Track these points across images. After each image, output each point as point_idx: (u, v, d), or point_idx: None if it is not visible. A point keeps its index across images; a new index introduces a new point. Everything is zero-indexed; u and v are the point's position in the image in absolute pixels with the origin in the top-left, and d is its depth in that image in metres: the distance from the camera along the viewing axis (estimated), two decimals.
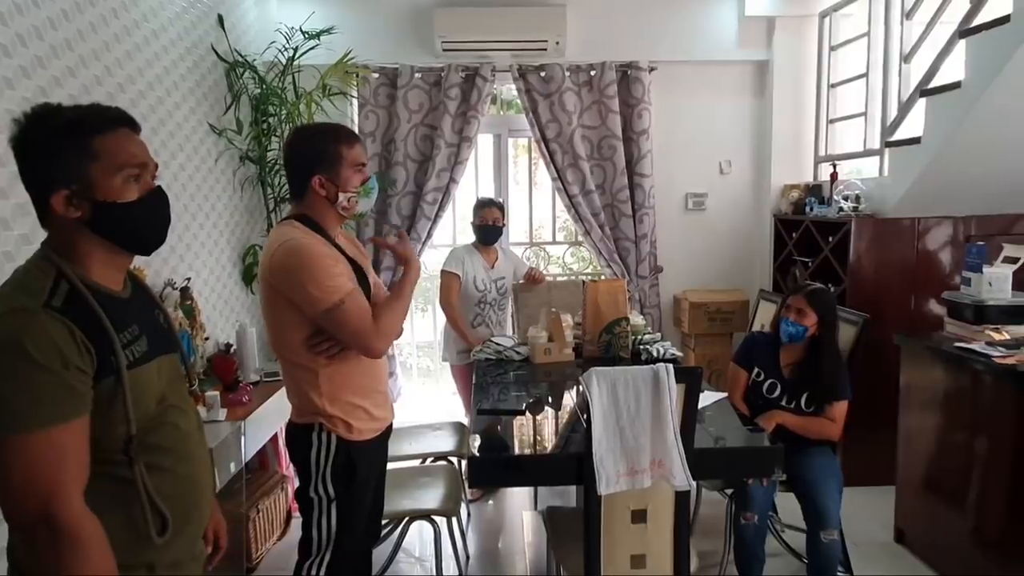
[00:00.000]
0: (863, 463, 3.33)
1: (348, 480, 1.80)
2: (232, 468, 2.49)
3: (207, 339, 2.98)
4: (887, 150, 3.49)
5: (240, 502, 2.72)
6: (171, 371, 1.27)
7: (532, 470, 2.12)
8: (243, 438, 2.56)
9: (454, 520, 2.71)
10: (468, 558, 2.98)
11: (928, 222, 3.36)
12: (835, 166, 3.87)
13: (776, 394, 2.63)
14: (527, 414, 2.38)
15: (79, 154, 1.11)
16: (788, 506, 2.73)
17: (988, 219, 3.35)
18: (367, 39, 4.05)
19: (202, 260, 3.12)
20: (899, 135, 3.43)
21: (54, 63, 2.16)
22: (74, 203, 1.11)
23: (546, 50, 4.11)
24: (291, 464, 1.90)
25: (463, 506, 3.08)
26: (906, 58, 3.46)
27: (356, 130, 4.15)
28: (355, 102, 4.22)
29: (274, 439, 3.14)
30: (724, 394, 2.57)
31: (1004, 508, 2.39)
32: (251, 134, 3.57)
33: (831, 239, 3.57)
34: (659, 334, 3.37)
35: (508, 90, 4.63)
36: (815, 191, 4.00)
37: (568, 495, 3.34)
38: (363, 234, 4.13)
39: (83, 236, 1.14)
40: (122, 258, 1.22)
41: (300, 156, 1.82)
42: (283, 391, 2.38)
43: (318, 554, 1.81)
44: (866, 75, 3.77)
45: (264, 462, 3.20)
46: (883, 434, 3.08)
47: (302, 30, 3.66)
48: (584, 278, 4.36)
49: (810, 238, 3.80)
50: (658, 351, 2.90)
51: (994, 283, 2.73)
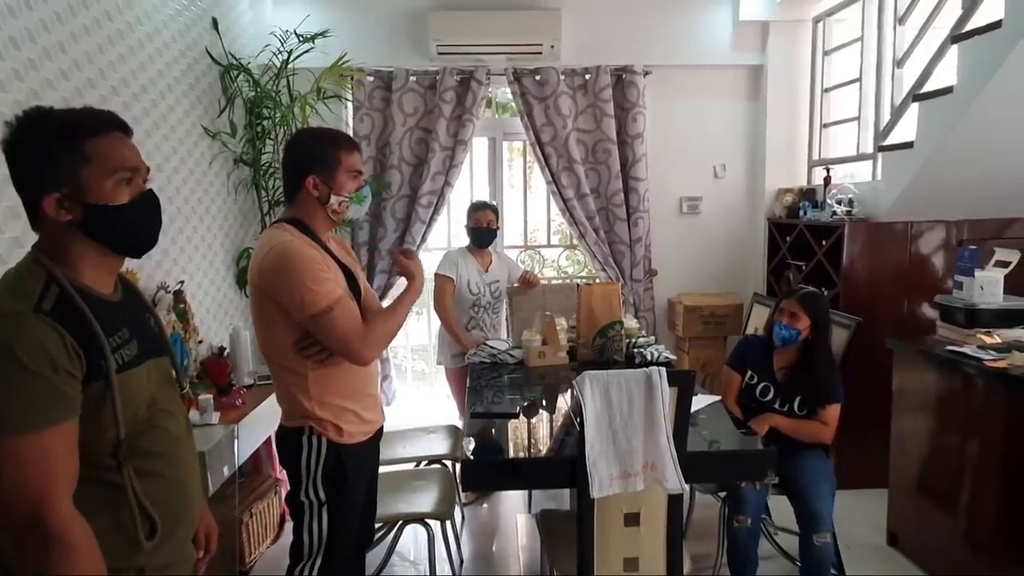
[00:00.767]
0: (856, 466, 3.34)
1: (339, 483, 1.79)
2: (225, 472, 2.48)
3: (200, 342, 2.97)
4: (880, 154, 3.51)
5: (233, 505, 2.71)
6: (161, 375, 1.27)
7: (526, 473, 2.12)
8: (236, 441, 2.55)
9: (448, 523, 2.71)
10: (462, 561, 2.97)
11: (921, 226, 3.38)
12: (828, 170, 3.88)
13: (769, 397, 2.64)
14: (521, 417, 2.38)
15: (71, 157, 1.11)
16: (781, 509, 2.73)
17: (980, 223, 3.36)
18: (362, 42, 4.06)
19: (196, 263, 3.11)
20: (892, 139, 3.46)
21: (47, 65, 2.16)
22: (66, 206, 1.11)
23: (541, 54, 4.12)
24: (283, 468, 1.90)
25: (457, 509, 3.08)
26: (899, 63, 3.49)
27: (351, 133, 4.15)
28: (350, 105, 4.22)
29: (268, 442, 3.13)
30: (717, 397, 2.58)
31: (995, 511, 2.40)
32: (245, 137, 3.56)
33: (824, 243, 3.58)
34: (653, 337, 3.37)
35: (503, 93, 4.64)
36: (809, 195, 4.01)
37: (562, 498, 3.34)
38: (356, 238, 4.14)
39: (74, 239, 1.14)
40: (113, 261, 1.22)
41: (298, 156, 1.83)
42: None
43: (309, 558, 1.80)
44: (859, 80, 3.79)
45: (257, 465, 3.19)
46: (876, 437, 3.09)
47: (297, 33, 3.66)
48: (579, 281, 4.36)
49: (804, 242, 3.82)
50: (652, 354, 2.91)
51: (985, 287, 2.74)
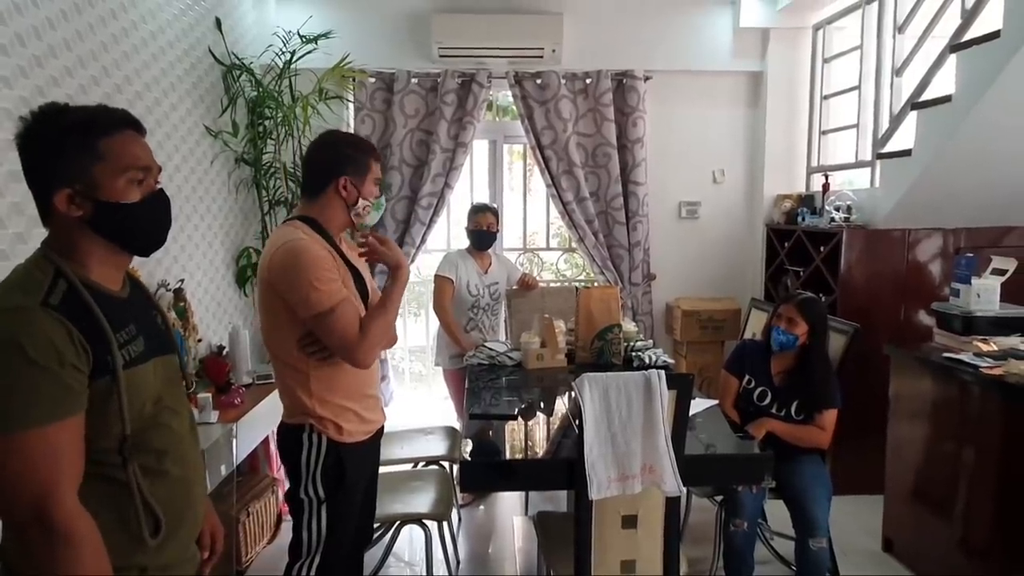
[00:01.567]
0: (852, 472, 3.35)
1: (338, 482, 1.80)
2: (223, 470, 2.48)
3: (199, 341, 2.97)
4: (878, 162, 3.53)
5: (231, 504, 2.71)
6: (168, 372, 1.27)
7: (523, 475, 2.13)
8: (234, 440, 2.56)
9: (445, 524, 2.71)
10: (458, 562, 2.98)
11: (918, 233, 3.40)
12: (827, 177, 3.90)
13: (766, 402, 2.65)
14: (519, 419, 2.39)
15: (85, 154, 1.12)
16: (777, 513, 2.74)
17: (977, 231, 3.39)
18: (364, 44, 4.07)
19: (196, 262, 3.11)
20: (890, 147, 3.47)
21: (52, 63, 2.17)
22: (76, 202, 1.12)
23: (542, 57, 4.13)
24: (282, 465, 1.90)
25: (454, 510, 3.08)
26: (898, 71, 3.51)
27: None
28: (351, 106, 4.23)
29: (265, 442, 3.14)
30: (715, 401, 2.59)
31: (990, 517, 2.42)
32: (247, 137, 3.57)
33: (822, 249, 3.60)
34: (651, 341, 3.39)
35: (504, 96, 4.65)
36: (807, 201, 4.03)
37: (559, 500, 3.35)
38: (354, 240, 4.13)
39: (84, 235, 1.14)
40: (122, 258, 1.22)
41: (330, 157, 1.84)
42: (275, 394, 2.37)
43: (308, 556, 1.81)
44: (858, 87, 3.82)
45: (255, 465, 3.19)
46: (872, 443, 3.10)
47: (299, 34, 3.67)
48: (577, 285, 4.38)
49: (802, 248, 3.83)
50: (650, 358, 2.92)
51: (982, 295, 2.76)
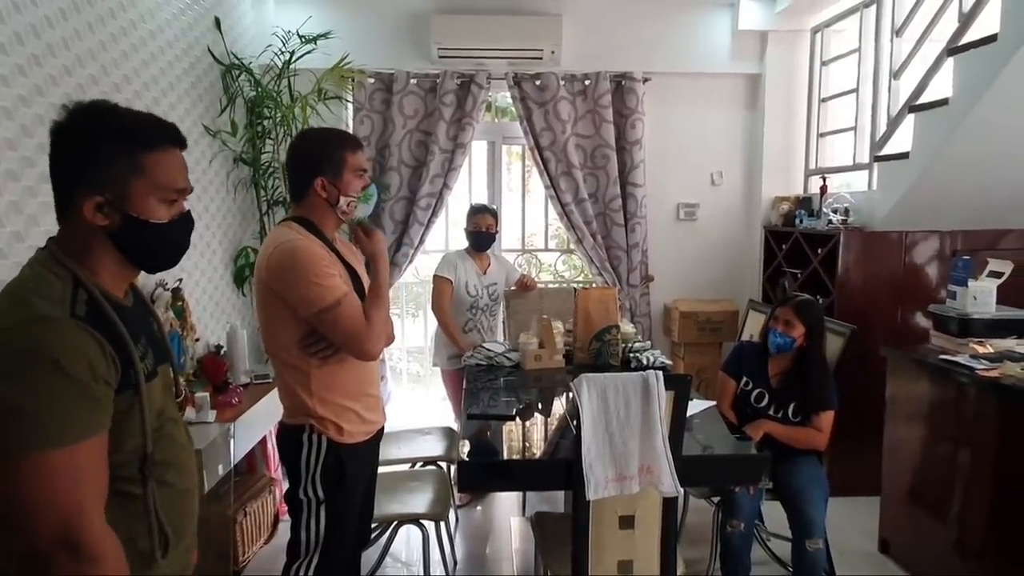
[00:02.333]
0: (849, 473, 3.36)
1: (338, 482, 1.80)
2: (220, 470, 2.48)
3: (197, 340, 2.97)
4: (876, 164, 3.54)
5: (228, 504, 2.71)
6: (166, 381, 1.24)
7: (521, 475, 2.14)
8: (232, 440, 2.55)
9: (442, 525, 2.71)
10: (456, 563, 2.98)
11: (915, 236, 3.41)
12: (825, 179, 3.91)
13: (764, 403, 2.66)
14: (517, 419, 2.39)
15: (125, 165, 1.08)
16: (774, 515, 2.74)
17: (974, 234, 3.40)
18: (364, 44, 4.07)
19: (194, 261, 3.11)
20: (888, 150, 3.48)
21: (50, 61, 2.17)
22: (105, 211, 1.07)
23: (541, 59, 4.14)
24: (280, 465, 1.90)
25: (452, 511, 3.08)
26: (895, 74, 3.52)
27: None
28: (350, 106, 4.23)
29: (263, 442, 3.14)
30: (712, 403, 2.60)
31: (986, 519, 2.42)
32: (245, 136, 3.57)
33: (820, 251, 3.61)
34: (649, 342, 3.39)
35: (503, 98, 4.65)
36: (805, 203, 4.04)
37: (556, 501, 3.35)
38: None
39: (101, 244, 1.10)
40: (131, 271, 1.18)
41: (305, 158, 1.84)
42: (273, 394, 2.37)
43: (306, 556, 1.81)
44: (856, 90, 3.83)
45: (252, 465, 3.19)
46: (869, 444, 3.11)
47: (299, 34, 3.67)
48: (575, 286, 4.39)
49: (799, 250, 3.84)
50: (648, 359, 2.92)
51: (979, 297, 2.77)
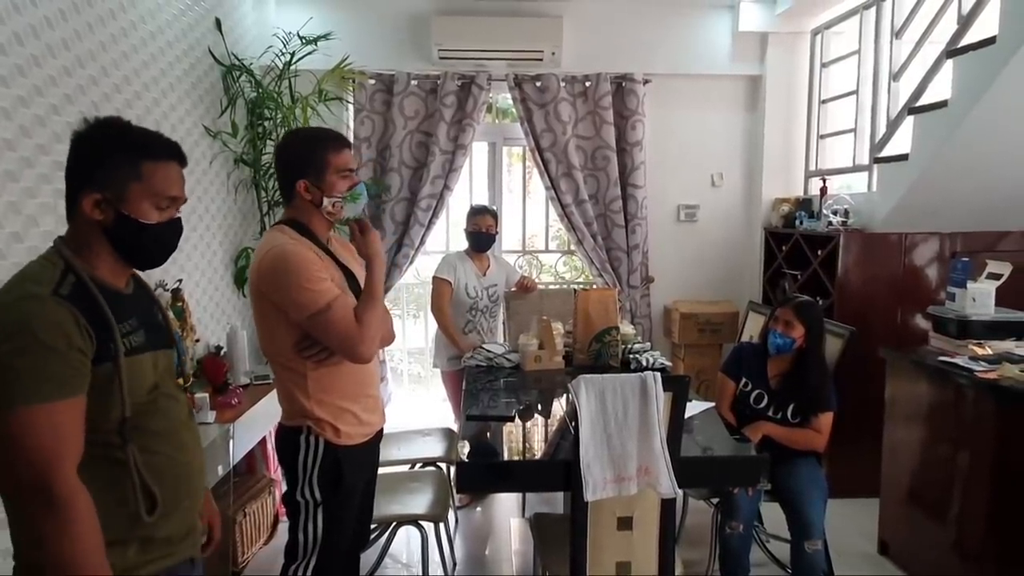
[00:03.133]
0: (848, 474, 3.36)
1: (335, 485, 1.80)
2: (220, 471, 2.48)
3: (197, 341, 2.97)
4: (876, 166, 3.54)
5: (227, 505, 2.71)
6: (167, 364, 1.36)
7: (519, 476, 2.14)
8: (231, 441, 2.56)
9: (442, 526, 2.72)
10: (455, 564, 2.98)
11: (915, 237, 3.41)
12: (825, 181, 3.91)
13: (763, 404, 2.66)
14: (516, 420, 2.39)
15: (126, 171, 1.22)
16: (773, 516, 2.74)
17: (973, 235, 3.40)
18: (364, 45, 4.08)
19: (194, 262, 3.12)
20: (887, 151, 3.49)
21: (50, 62, 2.17)
22: (101, 208, 1.21)
23: (542, 60, 4.14)
24: (279, 467, 1.90)
25: (451, 512, 3.08)
26: (895, 76, 3.52)
27: (351, 136, 4.17)
28: (351, 107, 4.23)
29: (263, 443, 3.14)
30: (712, 404, 2.60)
31: (985, 520, 2.42)
32: (246, 137, 3.57)
33: (820, 253, 3.61)
34: (649, 344, 3.39)
35: (504, 99, 4.66)
36: (805, 205, 4.04)
37: (556, 502, 3.35)
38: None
39: (98, 238, 1.24)
40: (125, 266, 1.31)
41: (287, 160, 1.83)
42: (273, 394, 2.37)
43: (304, 558, 1.81)
44: (856, 92, 3.83)
45: (252, 466, 3.19)
46: (868, 446, 3.11)
47: (299, 35, 3.68)
48: (576, 287, 4.39)
49: (799, 251, 3.84)
50: (647, 360, 2.92)
51: (978, 299, 2.77)
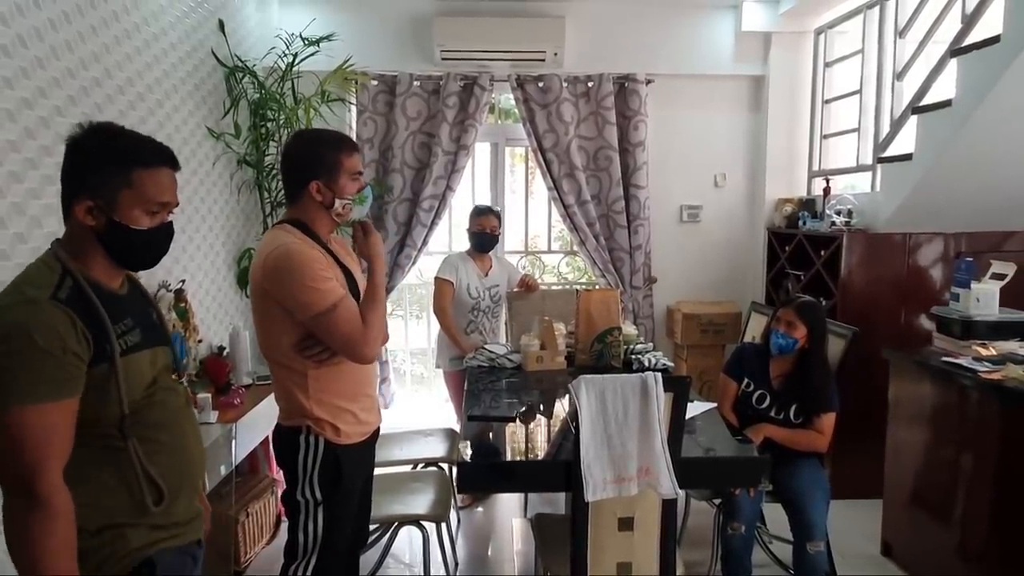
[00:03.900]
0: (851, 475, 3.35)
1: (335, 484, 1.80)
2: (222, 471, 2.49)
3: (200, 341, 2.99)
4: (879, 166, 3.53)
5: (229, 505, 2.72)
6: (163, 360, 1.40)
7: (520, 476, 2.14)
8: (234, 441, 2.57)
9: (443, 526, 2.72)
10: (457, 564, 2.98)
11: (919, 238, 3.39)
12: (828, 181, 3.90)
13: (765, 405, 2.65)
14: (517, 421, 2.39)
15: (117, 178, 1.25)
16: (775, 517, 2.74)
17: (977, 236, 3.38)
18: (367, 46, 4.08)
19: (197, 263, 3.13)
20: (891, 151, 3.48)
21: (54, 64, 2.18)
22: (93, 214, 1.25)
23: (544, 60, 4.14)
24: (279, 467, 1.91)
25: (453, 512, 3.08)
26: (899, 75, 3.51)
27: (354, 137, 4.18)
28: (353, 108, 4.24)
29: (265, 442, 3.14)
30: (713, 404, 2.59)
31: (988, 522, 2.41)
32: (249, 138, 3.59)
33: (823, 253, 3.60)
34: (651, 344, 3.39)
35: (506, 99, 4.66)
36: (808, 205, 4.03)
37: (558, 503, 3.35)
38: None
39: (91, 242, 1.28)
40: (118, 268, 1.34)
41: (299, 161, 1.83)
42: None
43: (304, 557, 1.81)
44: (859, 92, 3.82)
45: (254, 465, 3.20)
46: (871, 447, 3.10)
47: (302, 36, 3.69)
48: (578, 287, 4.39)
49: (802, 252, 3.83)
50: (650, 361, 2.92)
51: (982, 299, 2.76)
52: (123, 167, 1.25)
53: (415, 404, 4.89)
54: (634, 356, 2.99)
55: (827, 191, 3.84)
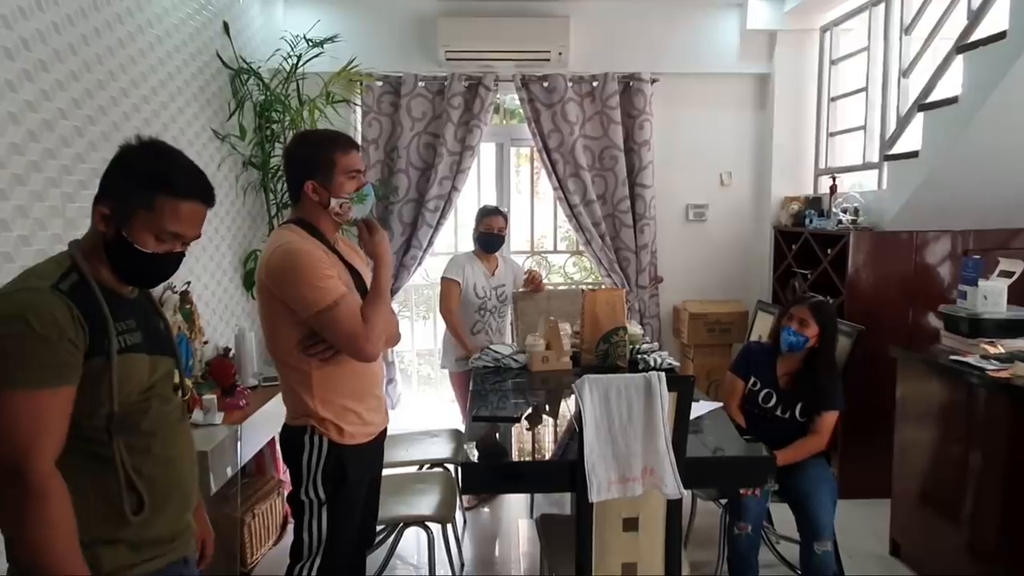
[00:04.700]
0: (859, 475, 3.33)
1: (339, 483, 1.80)
2: (228, 472, 2.49)
3: (206, 343, 2.99)
4: (886, 163, 3.51)
5: (235, 506, 2.72)
6: (165, 372, 1.37)
7: (525, 477, 2.13)
8: (239, 442, 2.57)
9: (449, 527, 2.72)
10: (463, 565, 2.98)
11: (926, 235, 3.37)
12: (834, 179, 3.88)
13: (771, 404, 2.64)
14: (523, 421, 2.39)
15: (139, 197, 1.25)
16: (782, 517, 2.72)
17: (985, 233, 3.36)
18: (371, 47, 4.09)
19: (203, 264, 3.14)
20: (897, 149, 3.46)
21: (57, 67, 2.19)
22: (106, 222, 1.26)
23: (549, 60, 4.14)
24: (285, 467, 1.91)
25: (458, 513, 3.08)
26: (905, 73, 3.49)
27: (359, 138, 4.18)
28: (358, 110, 4.25)
29: (271, 443, 3.15)
30: (720, 403, 2.58)
31: (997, 521, 2.39)
32: (254, 140, 3.60)
33: (830, 251, 3.58)
34: (656, 344, 3.37)
35: (511, 100, 4.66)
36: (814, 203, 4.02)
37: (564, 504, 3.34)
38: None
39: (100, 247, 1.28)
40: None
41: (295, 161, 1.84)
42: (281, 396, 2.38)
43: (309, 557, 1.81)
44: (866, 89, 3.80)
45: (260, 467, 3.21)
46: (879, 446, 3.08)
47: (307, 38, 3.69)
48: (584, 287, 4.38)
49: (809, 250, 3.81)
50: (655, 360, 2.91)
51: (989, 297, 2.73)
52: (148, 189, 1.24)
53: (421, 405, 4.89)
54: (640, 356, 2.98)
55: (833, 189, 3.82)
